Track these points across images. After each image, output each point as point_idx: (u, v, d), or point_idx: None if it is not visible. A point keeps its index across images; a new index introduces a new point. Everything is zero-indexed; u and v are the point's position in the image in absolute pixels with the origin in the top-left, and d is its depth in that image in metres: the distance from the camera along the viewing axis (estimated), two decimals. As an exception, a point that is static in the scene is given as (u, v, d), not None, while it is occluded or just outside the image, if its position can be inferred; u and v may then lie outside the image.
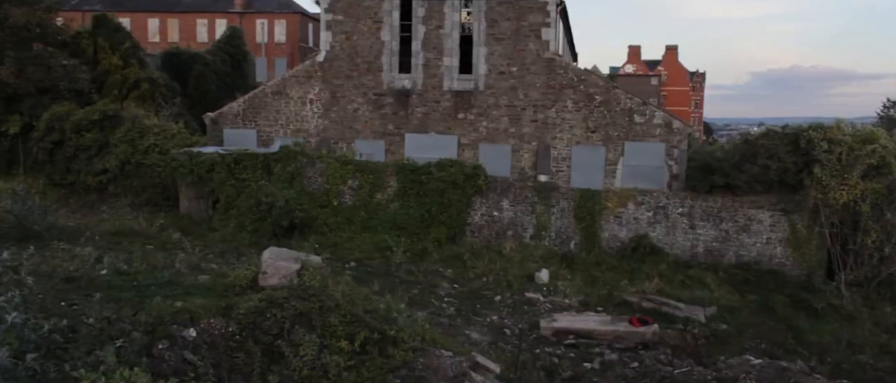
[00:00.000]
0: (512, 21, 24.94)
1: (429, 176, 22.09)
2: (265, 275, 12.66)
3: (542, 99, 25.02)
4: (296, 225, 21.62)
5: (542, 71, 24.95)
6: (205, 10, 60.34)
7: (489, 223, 22.47)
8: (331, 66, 26.16)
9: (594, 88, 24.84)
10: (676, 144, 24.26)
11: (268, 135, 26.57)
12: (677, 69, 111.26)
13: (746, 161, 21.32)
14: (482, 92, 25.39)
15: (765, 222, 21.36)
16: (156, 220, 21.70)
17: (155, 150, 23.97)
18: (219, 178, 22.75)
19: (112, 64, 29.33)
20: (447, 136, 25.62)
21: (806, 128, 20.80)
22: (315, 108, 26.40)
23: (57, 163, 25.02)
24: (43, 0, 27.86)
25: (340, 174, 22.74)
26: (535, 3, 24.76)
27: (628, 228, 22.00)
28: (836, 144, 19.61)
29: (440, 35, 25.47)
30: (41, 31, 27.26)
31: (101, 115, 24.79)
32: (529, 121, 25.15)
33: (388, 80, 25.91)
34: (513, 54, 25.07)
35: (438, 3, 25.33)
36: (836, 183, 19.39)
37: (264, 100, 26.76)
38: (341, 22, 25.90)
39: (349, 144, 25.99)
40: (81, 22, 42.57)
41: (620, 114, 24.58)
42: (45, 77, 26.45)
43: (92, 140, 24.51)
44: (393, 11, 25.63)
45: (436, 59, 25.58)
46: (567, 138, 24.96)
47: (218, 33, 52.21)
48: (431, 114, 25.75)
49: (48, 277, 12.43)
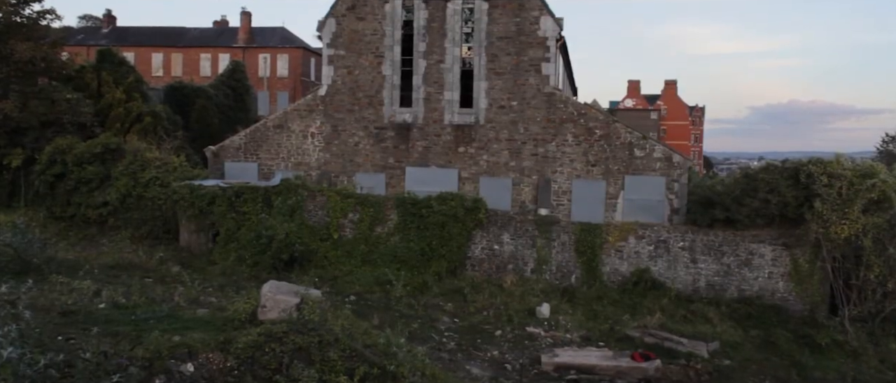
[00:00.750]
0: (512, 56, 25.21)
1: (429, 209, 22.09)
2: (264, 309, 12.57)
3: (542, 133, 25.15)
4: (296, 258, 21.54)
5: (543, 105, 25.12)
6: (208, 44, 61.04)
7: (490, 257, 22.39)
8: (332, 99, 26.36)
9: (594, 122, 24.98)
10: (677, 178, 24.30)
11: (269, 169, 26.65)
12: (677, 103, 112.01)
13: (747, 195, 21.33)
14: (483, 125, 25.53)
15: (766, 256, 21.29)
16: (155, 253, 21.65)
17: (156, 183, 24.01)
18: (219, 211, 22.75)
19: (115, 97, 29.54)
20: (448, 170, 25.69)
21: (806, 162, 20.85)
22: (316, 142, 26.53)
23: (58, 195, 25.04)
24: (49, 35, 28.19)
25: (341, 207, 22.73)
26: (535, 38, 25.05)
27: (629, 262, 21.91)
28: (836, 179, 19.63)
29: (441, 69, 25.72)
30: (46, 65, 27.50)
31: (103, 148, 24.89)
32: (530, 155, 25.24)
33: (389, 114, 26.08)
34: (513, 88, 25.27)
35: (439, 38, 25.63)
36: (837, 217, 19.36)
37: (266, 134, 26.90)
38: (343, 57, 26.18)
39: (350, 178, 26.05)
40: (86, 56, 43.05)
41: (620, 148, 24.68)
42: (48, 110, 26.61)
43: (93, 173, 24.57)
44: (394, 46, 25.92)
45: (436, 93, 25.79)
46: (567, 172, 25.02)
47: (221, 67, 52.74)
48: (432, 147, 25.86)
49: (46, 311, 12.35)
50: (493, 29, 25.27)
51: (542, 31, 25.03)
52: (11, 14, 26.88)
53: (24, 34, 26.76)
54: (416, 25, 25.79)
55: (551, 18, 24.94)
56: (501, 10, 25.19)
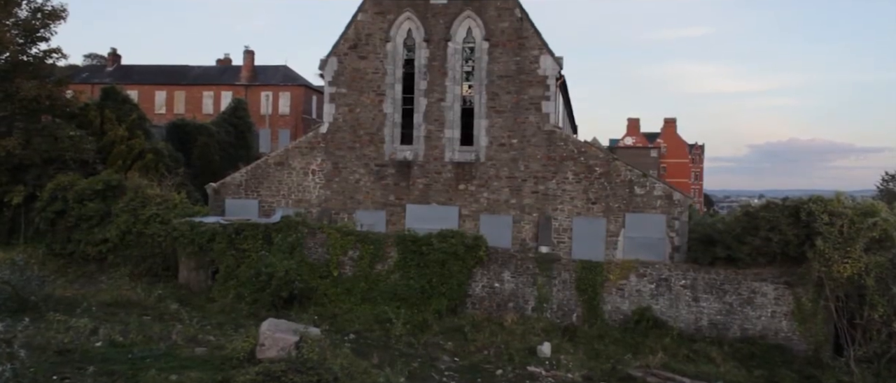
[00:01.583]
0: (512, 94, 25.44)
1: (430, 247, 22.02)
2: (263, 348, 12.46)
3: (542, 170, 25.23)
4: (295, 295, 21.40)
5: (543, 143, 25.26)
6: (211, 82, 61.67)
7: (490, 295, 22.25)
8: (333, 137, 26.52)
9: (594, 160, 25.08)
10: (677, 216, 24.29)
11: (270, 206, 26.67)
12: (676, 141, 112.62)
13: (748, 233, 21.27)
14: (483, 163, 25.63)
15: (769, 295, 21.13)
16: (154, 291, 21.51)
17: (156, 220, 23.99)
18: (219, 248, 22.68)
19: (118, 135, 29.75)
20: (448, 207, 25.70)
21: (806, 200, 20.85)
22: (317, 179, 26.59)
23: (58, 232, 25.01)
24: (54, 73, 28.51)
25: (341, 244, 22.67)
26: (535, 76, 25.32)
27: (631, 300, 21.76)
28: (837, 217, 19.61)
29: (442, 107, 25.93)
30: (51, 103, 27.76)
31: (104, 185, 24.95)
32: (530, 193, 25.28)
33: (390, 152, 26.20)
34: (513, 126, 25.44)
35: (440, 76, 25.90)
36: (839, 256, 19.27)
37: (267, 171, 26.99)
38: (344, 95, 26.42)
39: (350, 215, 26.05)
40: (90, 94, 43.45)
41: (621, 185, 24.72)
42: (51, 147, 26.77)
43: (94, 209, 24.58)
44: (395, 84, 26.18)
45: (437, 130, 25.95)
46: (568, 209, 25.02)
47: (223, 105, 53.20)
48: (433, 185, 25.91)
49: (42, 350, 12.24)
50: (494, 68, 25.56)
51: (541, 70, 25.30)
52: (18, 53, 27.25)
53: (31, 72, 27.10)
54: (418, 64, 26.09)
55: (551, 57, 25.24)
56: (502, 50, 25.51)
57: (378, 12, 26.17)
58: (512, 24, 25.43)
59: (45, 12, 27.61)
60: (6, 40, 26.25)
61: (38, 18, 27.56)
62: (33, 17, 27.50)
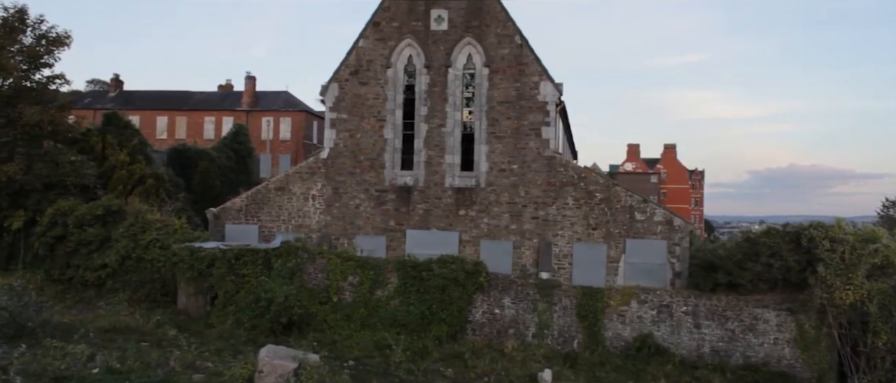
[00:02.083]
0: (512, 120, 25.55)
1: (430, 272, 21.94)
2: (261, 375, 12.35)
3: (542, 196, 25.24)
4: (294, 321, 21.26)
5: (543, 168, 25.30)
6: (213, 107, 62.00)
7: (490, 321, 22.11)
8: (334, 162, 26.58)
9: (594, 186, 25.09)
10: (678, 242, 24.24)
11: (270, 231, 26.63)
12: (676, 167, 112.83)
13: (749, 259, 21.21)
14: (483, 189, 25.65)
15: (771, 322, 20.99)
16: (153, 316, 21.39)
17: (156, 245, 23.94)
18: (219, 274, 22.60)
19: (119, 160, 29.81)
20: (448, 233, 25.66)
21: (807, 226, 20.84)
22: (317, 204, 26.59)
23: (57, 258, 24.94)
24: (57, 99, 28.65)
25: (341, 270, 22.59)
26: (535, 102, 25.45)
27: (632, 327, 21.61)
28: (838, 243, 19.56)
29: (442, 133, 26.02)
30: (53, 128, 27.84)
31: (104, 210, 24.94)
32: (530, 218, 25.26)
33: (391, 177, 26.23)
34: (513, 152, 25.51)
35: (441, 102, 26.04)
36: (841, 282, 19.19)
37: (267, 196, 27.01)
38: (345, 120, 26.54)
39: (350, 240, 26.00)
40: (93, 119, 43.67)
41: (621, 211, 24.71)
42: (52, 173, 26.81)
43: (94, 235, 24.54)
44: (396, 110, 26.31)
45: (437, 156, 26.02)
46: (568, 235, 24.98)
47: (225, 130, 53.41)
48: (433, 210, 25.90)
49: (37, 377, 12.14)
50: (494, 94, 25.71)
51: (541, 96, 25.45)
52: (22, 79, 27.41)
53: (34, 98, 27.21)
54: (418, 90, 26.25)
55: (551, 83, 25.40)
56: (502, 76, 25.68)
57: (379, 39, 26.41)
58: (512, 51, 25.64)
59: (49, 39, 27.83)
60: (10, 66, 26.43)
61: (42, 45, 27.77)
62: (38, 44, 27.71)
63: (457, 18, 25.99)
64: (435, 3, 26.12)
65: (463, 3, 25.94)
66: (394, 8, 26.35)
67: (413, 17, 26.21)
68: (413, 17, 26.21)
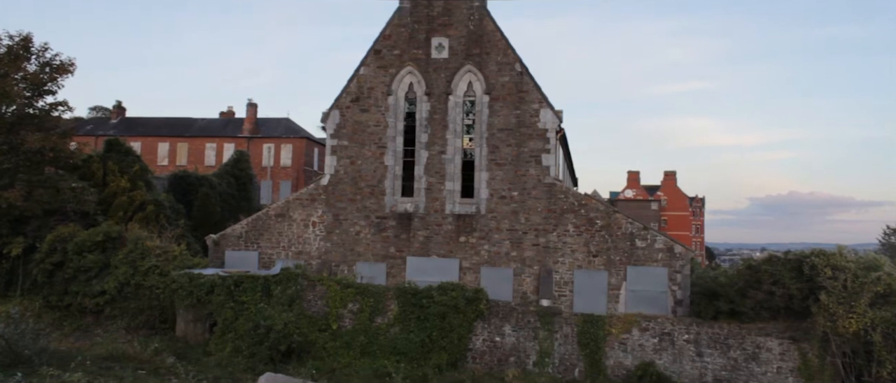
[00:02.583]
0: (513, 147, 25.62)
1: (430, 299, 21.83)
2: (259, 404, 12.21)
3: (543, 223, 25.21)
4: (294, 349, 21.11)
5: (543, 195, 25.30)
6: (214, 134, 62.21)
7: (491, 349, 21.93)
8: (334, 189, 26.59)
9: (595, 213, 25.07)
10: (679, 269, 24.14)
11: (270, 258, 26.54)
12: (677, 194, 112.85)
13: (751, 287, 21.11)
14: (484, 215, 25.62)
15: (774, 350, 20.82)
16: (151, 344, 21.23)
17: (155, 272, 23.85)
18: (218, 301, 22.49)
19: (120, 186, 29.82)
20: (449, 260, 25.57)
21: (808, 253, 20.78)
22: (317, 231, 26.55)
23: (55, 284, 24.83)
24: (59, 126, 28.73)
25: (341, 297, 22.48)
26: (536, 130, 25.54)
27: (634, 355, 21.43)
28: (840, 271, 19.49)
29: (443, 160, 26.08)
30: (54, 155, 27.88)
31: (104, 237, 24.89)
32: (531, 245, 25.19)
33: (391, 204, 26.23)
34: (514, 179, 25.54)
35: (441, 129, 26.14)
36: (844, 310, 19.07)
37: (267, 223, 26.97)
38: (346, 147, 26.62)
39: (350, 267, 25.91)
40: (94, 146, 43.81)
41: (622, 238, 24.65)
42: (52, 199, 26.79)
43: (93, 261, 24.47)
44: (397, 137, 26.40)
45: (438, 183, 26.04)
46: (569, 262, 24.89)
47: (226, 156, 53.55)
48: (433, 237, 25.85)
49: (34, 405, 11.98)
50: (494, 121, 25.81)
51: (542, 124, 25.55)
52: (25, 106, 27.52)
53: (36, 125, 27.29)
54: (419, 117, 26.37)
55: (551, 111, 25.52)
56: (502, 103, 25.82)
57: (380, 66, 26.61)
58: (512, 79, 25.81)
59: (53, 66, 27.98)
60: (13, 94, 26.55)
61: (46, 72, 27.90)
62: (42, 71, 27.85)
63: (457, 46, 26.22)
64: (436, 32, 26.37)
65: (463, 32, 26.19)
66: (395, 36, 26.60)
67: (414, 45, 26.44)
68: (414, 45, 26.44)
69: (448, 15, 26.32)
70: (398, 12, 26.68)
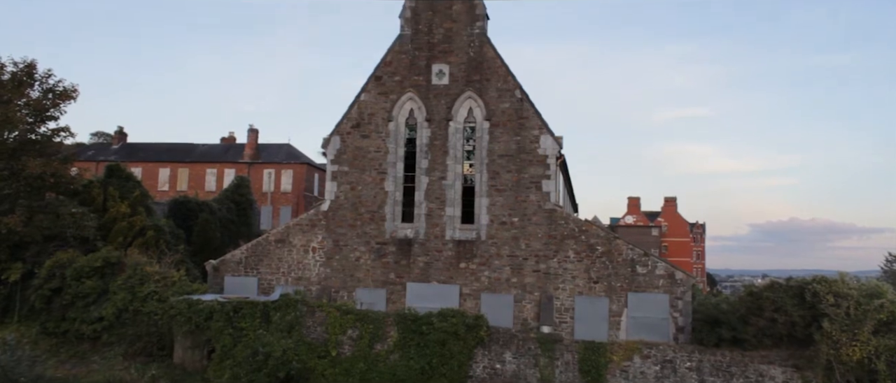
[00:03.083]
0: (513, 173, 25.64)
1: (430, 326, 21.69)
2: (256, 433, 12.04)
3: (543, 249, 25.13)
4: (293, 376, 20.92)
5: (544, 221, 25.26)
6: (215, 160, 62.35)
7: (491, 376, 21.72)
8: (334, 214, 26.56)
9: (595, 239, 25.01)
10: (680, 296, 24.00)
11: (269, 283, 26.41)
12: (677, 220, 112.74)
13: (753, 314, 20.98)
14: (484, 241, 25.55)
15: (777, 378, 20.61)
16: (148, 371, 21.07)
17: (154, 298, 23.73)
18: (216, 327, 22.33)
19: (120, 211, 29.82)
20: (449, 286, 25.45)
21: (810, 280, 20.70)
22: (317, 257, 26.46)
23: (53, 310, 24.69)
24: (60, 152, 28.81)
25: (340, 323, 22.34)
26: (536, 156, 25.59)
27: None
28: (842, 298, 19.39)
29: (443, 186, 26.09)
30: (55, 180, 27.92)
31: (103, 262, 24.83)
32: (531, 272, 25.09)
33: (391, 230, 26.18)
34: (514, 205, 25.52)
35: (441, 155, 26.19)
36: (847, 338, 18.93)
37: (267, 248, 26.89)
38: (346, 172, 26.65)
39: (350, 293, 25.77)
40: (95, 171, 43.87)
41: (622, 264, 24.56)
42: (52, 225, 26.76)
43: (91, 287, 24.36)
44: (397, 163, 26.45)
45: (438, 209, 26.02)
46: (570, 288, 24.76)
47: (226, 182, 53.59)
48: (433, 263, 25.75)
49: (28, 433, 11.84)
50: (495, 147, 25.88)
51: (542, 149, 25.61)
52: (27, 132, 27.62)
53: (38, 151, 27.38)
54: (419, 143, 26.44)
55: (551, 137, 25.59)
56: (502, 129, 25.90)
57: (381, 93, 26.75)
58: (512, 105, 25.93)
59: (56, 92, 28.15)
60: (16, 120, 26.67)
61: (49, 98, 28.07)
62: (44, 97, 28.02)
63: (458, 73, 26.39)
64: (436, 58, 26.56)
65: (464, 59, 26.38)
66: (396, 63, 26.79)
67: (415, 72, 26.61)
68: (415, 72, 26.61)
69: (448, 42, 26.53)
70: (399, 39, 26.90)
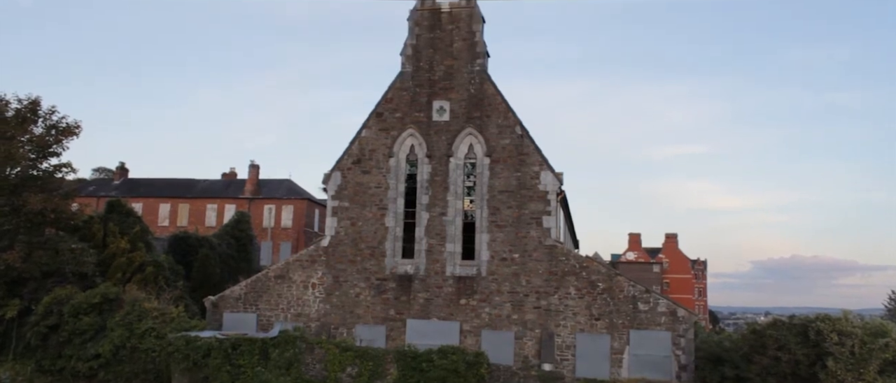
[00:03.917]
0: (513, 209, 25.65)
1: (430, 363, 21.46)
2: None
3: (544, 285, 25.00)
4: (290, 415, 20.60)
5: (544, 258, 25.18)
6: (215, 195, 62.50)
7: (493, 415, 21.40)
8: (335, 250, 26.50)
9: (596, 275, 24.90)
10: (683, 333, 23.79)
11: (268, 320, 26.20)
12: (678, 257, 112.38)
13: (756, 352, 20.76)
14: (484, 278, 25.44)
15: (782, 418, 20.30)
16: (144, 409, 20.77)
17: (152, 335, 23.53)
18: (214, 364, 22.09)
19: (119, 247, 29.76)
20: (449, 323, 25.25)
21: (814, 318, 20.54)
22: (317, 293, 26.31)
23: (49, 348, 24.45)
24: (62, 187, 28.86)
25: (339, 361, 22.11)
26: (536, 192, 25.63)
27: (639, 423, 20.87)
28: (846, 337, 19.21)
29: (443, 221, 26.08)
30: (55, 216, 27.89)
31: (101, 299, 24.68)
32: (532, 308, 24.92)
33: (392, 265, 26.08)
34: (515, 241, 25.47)
35: (442, 191, 26.24)
36: (853, 378, 18.71)
37: (267, 284, 26.76)
38: (347, 208, 26.66)
39: (350, 330, 25.56)
40: (96, 207, 43.93)
41: (624, 301, 24.40)
42: (51, 261, 26.67)
43: (88, 324, 24.17)
44: (398, 199, 26.48)
45: (438, 245, 25.96)
46: (571, 325, 24.56)
47: (227, 217, 53.58)
48: (434, 299, 25.60)
49: None
50: (495, 183, 25.94)
51: (542, 185, 25.66)
52: (29, 168, 27.70)
53: (39, 186, 27.40)
54: (420, 179, 26.51)
55: (551, 173, 25.67)
56: (503, 165, 26.00)
57: (382, 129, 26.92)
58: (513, 141, 26.07)
59: (59, 129, 28.30)
60: (18, 156, 26.77)
61: (52, 135, 28.22)
62: (48, 134, 28.17)
63: (458, 109, 26.60)
64: (437, 95, 26.80)
65: (464, 95, 26.62)
66: (397, 99, 27.02)
67: (415, 108, 26.83)
68: (415, 108, 26.83)
69: (449, 79, 26.81)
70: (400, 76, 27.19)
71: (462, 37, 26.95)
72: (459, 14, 27.10)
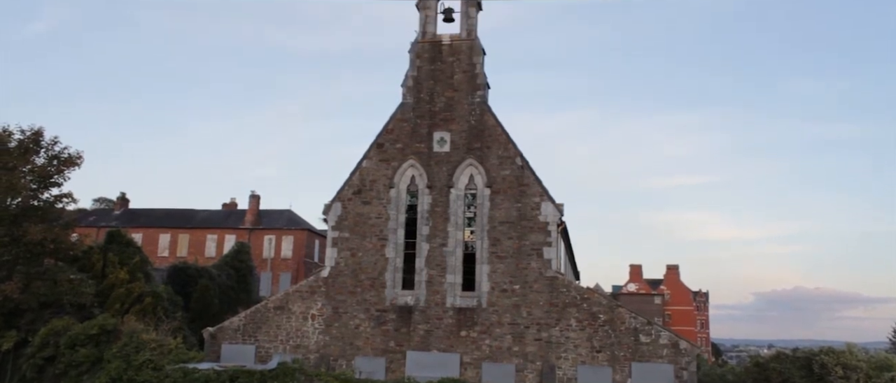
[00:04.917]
0: (514, 240, 25.59)
1: (430, 397, 21.17)
2: None
3: (545, 317, 24.82)
4: (287, 450, 20.29)
5: (545, 289, 25.05)
6: (216, 225, 62.45)
7: (493, 450, 21.06)
8: (334, 281, 26.37)
9: (598, 307, 24.74)
10: (685, 366, 23.54)
11: (267, 352, 25.96)
12: (680, 288, 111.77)
13: (760, 385, 20.52)
14: (485, 309, 25.27)
15: (788, 453, 20.00)
16: (139, 443, 20.45)
17: (149, 367, 23.27)
18: (211, 397, 21.82)
19: (119, 278, 29.63)
20: (449, 355, 25.00)
21: (817, 351, 20.37)
22: (317, 324, 26.12)
23: (45, 380, 24.18)
24: (62, 217, 28.84)
25: (338, 394, 21.82)
26: (537, 223, 25.60)
27: (642, 458, 20.55)
28: (851, 370, 19.02)
29: (444, 252, 26.00)
30: (55, 246, 27.83)
31: (98, 330, 24.47)
32: (533, 340, 24.71)
33: (391, 297, 25.94)
34: (515, 272, 25.36)
35: (442, 221, 26.21)
36: (858, 411, 18.46)
37: (266, 315, 26.57)
38: (347, 239, 26.60)
39: (349, 362, 25.31)
40: (96, 237, 43.85)
41: (625, 333, 24.20)
42: (50, 291, 26.51)
43: (85, 356, 23.93)
44: (398, 229, 26.44)
45: (439, 276, 25.85)
46: (572, 357, 24.32)
47: (226, 248, 53.49)
48: (434, 331, 25.40)
49: None
50: (496, 213, 25.92)
51: (543, 217, 25.64)
52: (30, 198, 27.70)
53: (39, 217, 27.38)
54: (420, 210, 26.50)
55: (552, 204, 25.67)
56: (503, 196, 26.01)
57: (382, 160, 27.00)
58: (513, 172, 26.12)
59: (61, 159, 28.38)
60: (19, 187, 26.78)
61: (53, 165, 28.28)
62: (49, 164, 28.23)
63: (459, 141, 26.71)
64: (438, 126, 26.93)
65: (465, 126, 26.74)
66: (397, 130, 27.15)
67: (416, 139, 26.93)
68: (416, 139, 26.93)
69: (450, 110, 26.97)
70: (401, 107, 27.36)
71: (463, 69, 27.19)
72: (460, 46, 27.38)
